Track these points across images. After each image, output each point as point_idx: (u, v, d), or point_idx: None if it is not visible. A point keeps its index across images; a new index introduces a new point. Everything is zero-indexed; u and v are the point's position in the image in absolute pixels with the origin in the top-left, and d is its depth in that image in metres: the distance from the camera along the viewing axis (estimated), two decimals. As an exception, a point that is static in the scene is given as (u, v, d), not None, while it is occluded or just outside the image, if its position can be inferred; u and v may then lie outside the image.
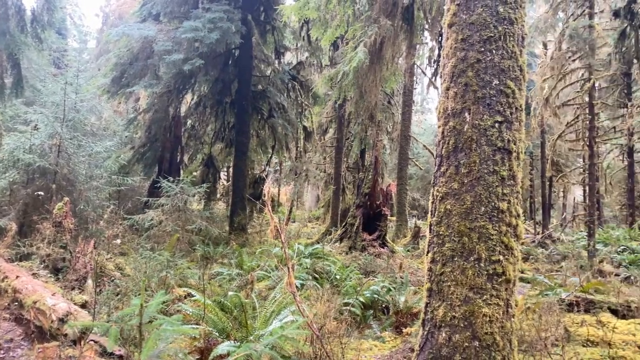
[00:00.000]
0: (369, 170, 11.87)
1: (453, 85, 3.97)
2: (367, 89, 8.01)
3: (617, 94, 18.17)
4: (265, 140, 16.11)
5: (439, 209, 3.95)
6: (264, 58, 15.35)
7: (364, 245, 11.25)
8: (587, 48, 14.22)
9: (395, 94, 19.71)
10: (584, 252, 13.45)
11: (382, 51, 7.81)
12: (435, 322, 3.76)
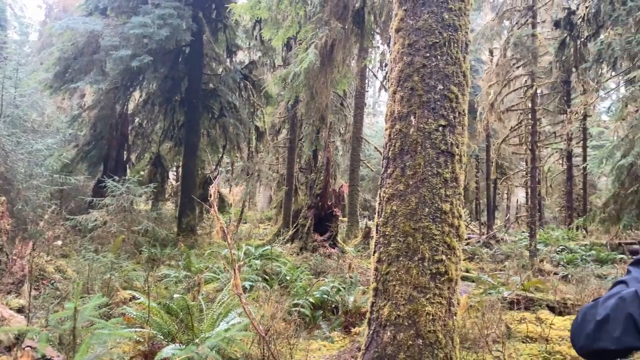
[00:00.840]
0: (320, 172, 11.94)
1: (400, 89, 4.06)
2: (318, 91, 8.06)
3: (557, 100, 19.07)
4: (216, 140, 15.90)
5: (386, 209, 4.02)
6: (215, 56, 15.16)
7: (315, 246, 11.30)
8: (530, 56, 14.82)
9: (347, 96, 19.91)
10: (525, 251, 14.00)
11: (333, 53, 7.89)
12: (380, 321, 3.83)
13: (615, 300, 1.16)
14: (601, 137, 21.95)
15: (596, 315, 1.19)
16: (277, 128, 20.42)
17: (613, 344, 1.14)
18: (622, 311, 1.12)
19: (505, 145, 19.88)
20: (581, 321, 1.24)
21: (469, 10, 4.08)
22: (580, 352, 1.24)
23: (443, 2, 3.94)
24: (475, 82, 20.76)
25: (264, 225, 21.63)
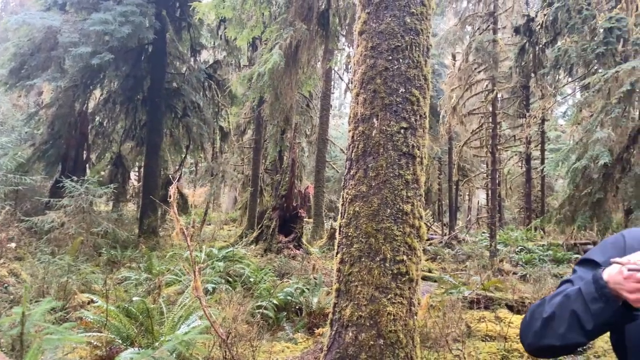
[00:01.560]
0: (286, 173, 11.91)
1: (363, 92, 4.09)
2: (282, 91, 8.03)
3: (517, 105, 19.61)
4: (180, 140, 15.65)
5: (348, 211, 4.04)
6: (179, 55, 14.93)
7: (279, 247, 11.26)
8: (491, 61, 15.18)
9: (314, 98, 19.94)
10: (486, 252, 14.32)
11: (298, 54, 7.88)
12: (342, 321, 3.84)
13: (560, 298, 1.19)
14: (558, 140, 22.70)
15: (543, 313, 1.22)
16: (243, 128, 20.27)
17: (558, 340, 1.17)
18: (566, 308, 1.15)
19: (466, 148, 20.31)
20: (529, 319, 1.27)
21: (431, 14, 4.15)
22: (529, 350, 1.27)
23: (405, 6, 3.99)
24: (438, 85, 21.13)
25: (228, 227, 21.41)
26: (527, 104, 18.47)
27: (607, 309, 1.08)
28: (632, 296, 1.02)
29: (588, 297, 1.12)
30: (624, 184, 6.26)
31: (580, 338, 1.14)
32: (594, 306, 1.10)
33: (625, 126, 6.37)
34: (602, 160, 5.97)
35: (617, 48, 10.33)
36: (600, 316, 1.09)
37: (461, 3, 17.82)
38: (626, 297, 1.04)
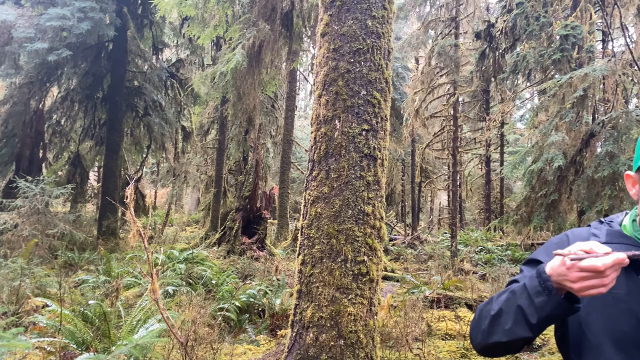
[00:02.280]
0: (249, 174, 11.81)
1: (325, 93, 4.10)
2: (245, 91, 7.96)
3: (477, 108, 20.06)
4: (140, 140, 15.32)
5: (310, 212, 4.05)
6: (141, 53, 14.61)
7: (243, 249, 11.16)
8: (453, 65, 15.48)
9: (279, 98, 19.88)
10: (447, 252, 14.59)
11: (261, 54, 7.82)
12: (303, 323, 3.84)
13: (507, 295, 1.22)
14: (517, 143, 23.38)
15: (490, 311, 1.25)
16: (206, 128, 20.01)
17: (505, 336, 1.20)
18: (513, 304, 1.18)
19: (429, 150, 20.66)
20: (478, 318, 1.29)
21: (392, 18, 4.20)
22: (478, 349, 1.29)
23: (367, 9, 4.03)
24: (402, 88, 21.41)
25: (191, 228, 21.10)
26: (487, 107, 18.93)
27: (550, 301, 1.10)
28: (576, 285, 1.04)
29: (532, 291, 1.14)
30: (577, 186, 6.50)
31: (525, 332, 1.16)
32: (538, 300, 1.12)
33: (578, 130, 6.61)
34: (556, 163, 6.18)
35: (572, 55, 10.70)
36: (544, 309, 1.12)
37: (424, 7, 18.11)
38: (570, 287, 1.06)
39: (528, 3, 12.98)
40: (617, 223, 1.30)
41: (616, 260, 1.02)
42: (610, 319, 1.16)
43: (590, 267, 1.03)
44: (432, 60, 16.47)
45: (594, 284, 1.03)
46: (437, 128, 20.08)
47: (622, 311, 1.14)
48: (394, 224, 22.22)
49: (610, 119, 6.27)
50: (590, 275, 1.03)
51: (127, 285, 7.77)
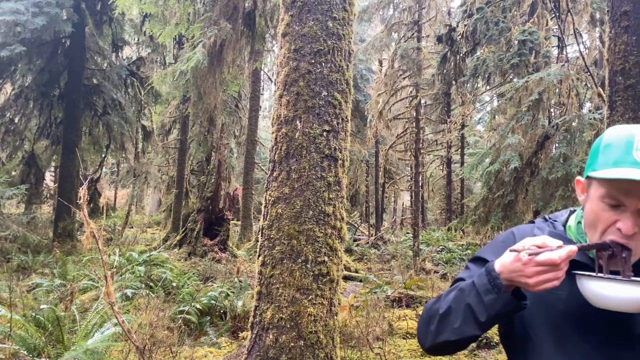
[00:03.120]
0: (212, 174, 11.67)
1: (286, 94, 4.10)
2: (206, 91, 7.86)
3: (439, 110, 20.43)
4: (99, 139, 14.91)
5: (271, 213, 4.03)
6: (99, 50, 14.23)
7: (204, 251, 11.01)
8: (415, 68, 15.71)
9: (243, 98, 19.72)
10: (409, 251, 14.79)
11: (223, 54, 7.74)
12: (263, 324, 3.82)
13: (455, 293, 1.22)
14: (477, 145, 23.92)
15: (439, 309, 1.23)
16: (168, 128, 19.66)
17: (454, 334, 1.18)
18: (461, 302, 1.17)
19: (392, 152, 20.91)
20: (426, 317, 1.28)
21: (352, 20, 4.23)
22: (426, 348, 1.28)
23: (327, 10, 4.04)
24: (366, 90, 21.61)
25: (152, 230, 20.68)
26: (449, 110, 19.31)
27: (499, 299, 1.10)
28: (532, 280, 1.04)
29: (481, 289, 1.13)
30: (533, 186, 6.71)
31: (474, 331, 1.16)
32: (487, 297, 1.12)
33: (533, 133, 6.83)
34: (512, 164, 6.37)
35: (529, 59, 11.02)
36: (493, 307, 1.11)
37: (388, 10, 18.34)
38: (525, 283, 1.05)
39: (488, 8, 13.27)
40: (560, 223, 1.29)
41: (569, 252, 1.03)
42: (551, 319, 1.16)
43: (547, 260, 1.03)
44: (395, 63, 16.69)
45: (549, 278, 1.03)
46: (400, 130, 20.35)
47: (562, 312, 1.15)
48: (358, 224, 22.38)
49: (564, 122, 6.50)
50: (546, 269, 1.03)
51: (83, 288, 7.54)
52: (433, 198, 25.67)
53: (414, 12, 16.27)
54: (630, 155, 1.04)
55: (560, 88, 8.90)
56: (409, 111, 17.90)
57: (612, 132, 1.11)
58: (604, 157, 1.08)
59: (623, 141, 1.06)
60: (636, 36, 5.93)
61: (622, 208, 1.06)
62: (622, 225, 1.05)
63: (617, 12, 5.96)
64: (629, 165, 1.03)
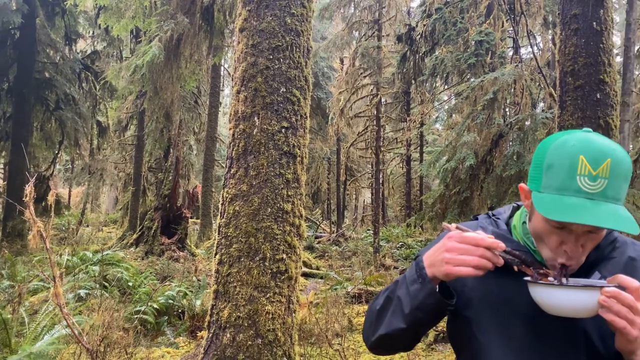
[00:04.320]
0: (169, 171, 11.44)
1: (244, 89, 4.05)
2: (163, 86, 7.68)
3: (399, 109, 20.68)
4: (52, 135, 14.36)
5: (228, 210, 3.98)
6: (51, 43, 13.69)
7: (162, 250, 10.79)
8: (376, 67, 15.84)
9: (202, 94, 19.41)
10: (370, 248, 14.93)
11: (180, 48, 7.58)
12: (220, 323, 3.78)
13: (391, 286, 1.21)
14: (435, 143, 24.37)
15: (377, 305, 1.23)
16: (125, 124, 19.13)
17: (385, 327, 1.17)
18: (394, 294, 1.17)
19: (353, 149, 21.06)
20: (368, 314, 1.27)
21: (311, 17, 4.22)
22: (368, 346, 1.27)
23: (285, 6, 4.02)
24: (327, 88, 21.66)
25: (108, 229, 20.12)
26: (408, 108, 19.58)
27: (423, 289, 1.08)
28: (448, 255, 1.03)
29: (409, 279, 1.13)
30: (487, 183, 6.89)
31: (400, 323, 1.13)
32: (412, 287, 1.10)
33: (488, 131, 7.01)
34: (468, 162, 6.52)
35: (486, 60, 11.29)
36: (417, 297, 1.09)
37: (349, 9, 18.42)
38: (442, 259, 1.03)
39: (446, 9, 13.50)
40: (503, 220, 1.26)
41: (495, 243, 1.01)
42: (498, 321, 1.14)
43: (471, 237, 1.02)
44: (356, 61, 16.78)
45: (467, 260, 1.01)
46: (361, 128, 20.50)
47: (510, 313, 1.12)
48: (319, 221, 22.44)
49: (518, 120, 6.69)
50: (466, 249, 1.01)
51: (34, 289, 7.28)
52: (393, 195, 26.00)
53: (375, 11, 16.41)
54: (574, 182, 0.98)
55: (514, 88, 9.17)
56: (370, 109, 18.05)
57: (556, 149, 1.02)
58: (548, 179, 1.02)
59: (566, 164, 0.99)
60: (585, 38, 6.17)
61: (568, 229, 1.02)
62: (568, 248, 1.03)
63: (567, 15, 6.19)
64: (573, 194, 0.98)
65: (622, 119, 13.24)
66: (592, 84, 6.06)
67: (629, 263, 1.13)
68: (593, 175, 0.97)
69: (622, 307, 0.92)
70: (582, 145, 0.99)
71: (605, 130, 6.10)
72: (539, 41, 17.24)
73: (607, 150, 0.98)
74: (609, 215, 0.96)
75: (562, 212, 0.97)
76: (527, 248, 1.16)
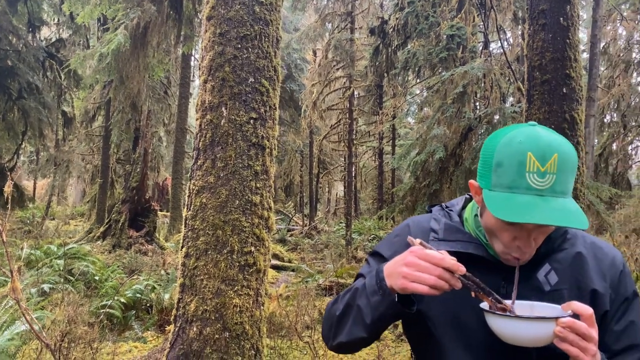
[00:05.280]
0: (137, 163, 11.20)
1: (211, 79, 3.97)
2: (129, 75, 7.48)
3: (371, 102, 20.74)
4: (14, 125, 13.87)
5: (195, 202, 3.91)
6: (14, 30, 13.20)
7: (130, 243, 10.59)
8: (349, 59, 15.83)
9: (173, 85, 19.07)
10: (342, 241, 15.00)
11: (147, 37, 7.38)
12: (187, 317, 3.72)
13: (351, 293, 1.19)
14: (407, 136, 24.57)
15: (337, 311, 1.21)
16: (92, 114, 18.63)
17: (346, 336, 1.17)
18: (354, 303, 1.15)
19: (326, 142, 21.05)
20: (327, 317, 1.26)
21: (280, 6, 4.16)
22: (330, 348, 1.27)
23: (254, -6, 3.95)
24: (300, 80, 21.56)
25: (75, 222, 19.66)
26: (381, 101, 19.64)
27: (383, 301, 1.07)
28: (406, 269, 1.01)
29: (369, 290, 1.11)
30: (457, 176, 6.97)
31: (362, 333, 1.13)
32: (373, 299, 1.09)
33: (458, 124, 7.09)
34: (438, 155, 6.58)
35: (457, 54, 11.39)
36: (377, 309, 1.08)
37: (322, 0, 18.35)
38: (399, 272, 1.02)
39: (418, 2, 13.55)
40: (456, 212, 1.26)
41: (457, 265, 1.00)
42: (453, 315, 1.14)
43: (432, 255, 1.00)
44: (329, 54, 16.74)
45: (424, 278, 0.99)
46: (334, 120, 20.49)
47: (464, 308, 1.12)
48: (292, 214, 22.40)
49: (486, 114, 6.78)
50: (425, 267, 1.00)
51: (-5, 284, 7.05)
52: (366, 188, 26.14)
53: (348, 3, 16.37)
54: (524, 180, 0.98)
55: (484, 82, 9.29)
56: (343, 102, 18.05)
57: (504, 147, 1.02)
58: (497, 178, 1.02)
59: (515, 162, 0.99)
60: (552, 33, 6.27)
61: (520, 226, 1.02)
62: (521, 244, 1.04)
63: (536, 10, 6.28)
64: (523, 191, 0.98)
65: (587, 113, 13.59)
66: (558, 78, 6.17)
67: (577, 257, 1.14)
68: (542, 172, 0.98)
69: (576, 337, 0.94)
70: (529, 142, 1.00)
71: (571, 124, 6.23)
72: (509, 36, 17.49)
73: (553, 145, 0.99)
74: (559, 211, 0.97)
75: (513, 212, 0.97)
76: (479, 240, 1.16)
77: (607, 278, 1.12)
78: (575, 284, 1.11)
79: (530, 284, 1.11)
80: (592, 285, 1.11)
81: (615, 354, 1.10)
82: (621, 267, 1.15)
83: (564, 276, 1.12)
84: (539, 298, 1.09)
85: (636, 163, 21.62)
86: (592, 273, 1.12)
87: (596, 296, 1.10)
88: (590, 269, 1.13)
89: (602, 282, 1.12)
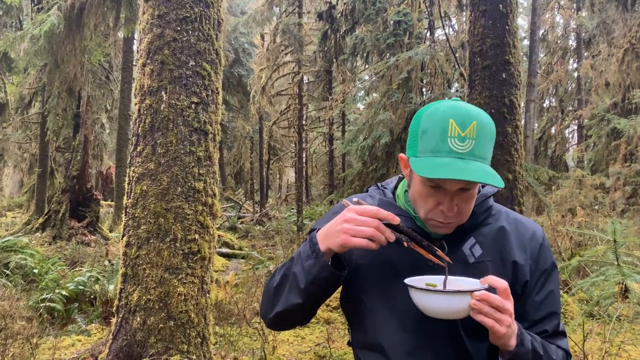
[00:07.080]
0: (77, 151, 10.74)
1: (149, 62, 3.85)
2: (64, 58, 7.11)
3: (321, 88, 20.73)
4: (-60, 112, 13.06)
5: (135, 190, 3.80)
6: (-64, 9, 12.33)
7: (71, 234, 10.19)
8: (297, 44, 15.72)
9: (115, 70, 18.34)
10: (294, 227, 15.03)
11: (83, 18, 7.02)
12: (130, 307, 3.63)
13: (287, 263, 1.22)
14: (356, 122, 24.77)
15: (274, 282, 1.24)
16: (28, 100, 17.64)
17: (282, 304, 1.19)
18: (289, 271, 1.18)
19: (276, 128, 20.89)
20: (265, 293, 1.28)
21: (220, -13, 4.06)
22: (267, 323, 1.29)
23: (193, -25, 3.84)
24: (248, 64, 21.25)
25: (12, 214, 18.73)
26: (330, 87, 19.65)
27: (316, 264, 1.11)
28: (346, 225, 1.07)
29: (304, 255, 1.15)
30: (403, 160, 7.07)
31: (297, 299, 1.16)
32: (307, 263, 1.13)
33: (403, 110, 7.19)
34: (384, 139, 6.67)
35: (404, 40, 11.52)
36: (311, 272, 1.12)
37: (269, -17, 18.04)
38: (340, 229, 1.07)
39: (366, -13, 13.58)
40: (390, 190, 1.32)
41: (391, 215, 1.06)
42: (384, 285, 1.19)
43: (369, 209, 1.07)
44: (277, 38, 16.56)
45: (364, 231, 1.05)
46: (283, 106, 20.35)
47: (394, 278, 1.17)
48: (242, 201, 22.19)
49: (430, 99, 6.90)
50: (363, 221, 1.05)
51: None
52: (317, 174, 26.22)
53: (295, -14, 16.20)
54: (446, 144, 1.05)
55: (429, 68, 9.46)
56: (292, 87, 17.95)
57: (429, 116, 1.09)
58: (423, 144, 1.08)
59: (438, 128, 1.06)
60: (492, 20, 6.45)
61: (443, 189, 1.08)
62: (444, 208, 1.09)
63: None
64: (445, 155, 1.05)
65: (528, 98, 14.12)
66: (498, 64, 6.37)
67: (500, 231, 1.21)
68: (462, 137, 1.05)
69: (490, 309, 0.99)
70: (451, 111, 1.07)
71: (510, 109, 6.46)
72: (454, 22, 17.85)
73: (473, 113, 1.07)
74: (477, 171, 1.04)
75: (435, 170, 1.03)
76: (408, 213, 1.22)
77: (527, 250, 1.19)
78: (499, 256, 1.18)
79: (456, 255, 1.16)
80: (514, 257, 1.18)
81: (536, 322, 1.17)
82: (541, 240, 1.22)
83: (487, 249, 1.18)
84: (463, 269, 1.15)
85: (572, 146, 22.72)
86: (514, 246, 1.19)
87: (517, 267, 1.17)
88: (512, 242, 1.19)
89: (522, 254, 1.19)
